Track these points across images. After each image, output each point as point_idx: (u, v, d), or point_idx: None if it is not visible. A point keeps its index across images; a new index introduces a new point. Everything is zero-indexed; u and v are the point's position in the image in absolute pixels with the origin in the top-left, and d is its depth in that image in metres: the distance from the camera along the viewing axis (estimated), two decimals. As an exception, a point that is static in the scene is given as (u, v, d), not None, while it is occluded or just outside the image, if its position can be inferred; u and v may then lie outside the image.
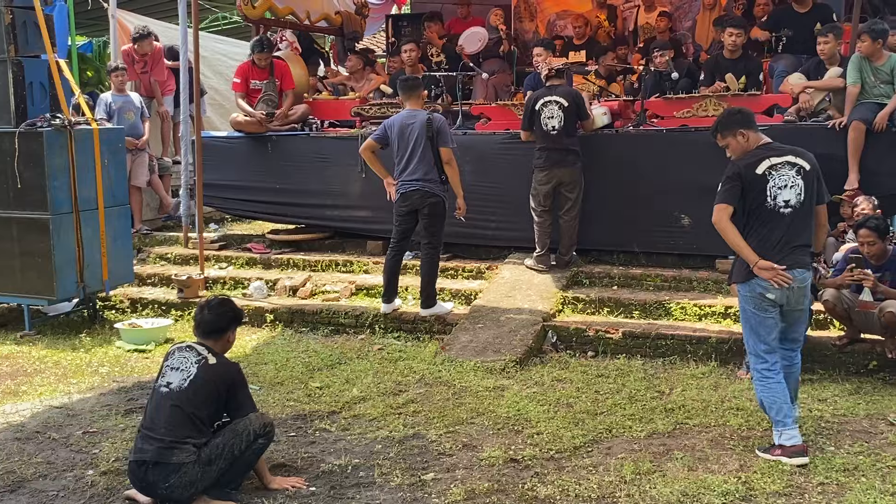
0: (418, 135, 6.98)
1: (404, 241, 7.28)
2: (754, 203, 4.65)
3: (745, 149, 4.78)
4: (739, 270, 4.74)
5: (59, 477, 4.54)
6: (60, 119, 7.18)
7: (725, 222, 4.66)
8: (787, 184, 4.63)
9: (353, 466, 4.58)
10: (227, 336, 4.47)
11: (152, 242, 9.76)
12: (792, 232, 4.64)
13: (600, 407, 5.41)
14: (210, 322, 4.41)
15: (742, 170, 4.67)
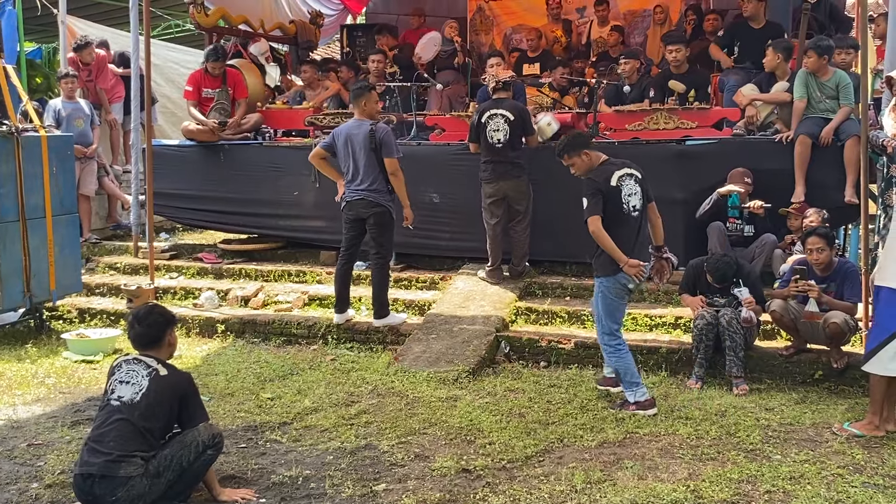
0: (363, 145, 6.94)
1: (353, 250, 7.22)
2: (612, 210, 5.47)
3: (590, 166, 5.61)
4: (605, 266, 5.54)
5: (3, 490, 4.43)
6: (7, 125, 7.05)
7: (600, 230, 5.45)
8: (633, 192, 5.54)
9: (304, 478, 4.54)
10: (165, 342, 4.39)
11: (101, 252, 9.61)
12: (639, 231, 5.60)
13: (552, 417, 5.44)
14: (144, 335, 4.34)
15: (601, 184, 5.47)
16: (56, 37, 13.92)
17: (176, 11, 15.72)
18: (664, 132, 8.04)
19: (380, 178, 6.98)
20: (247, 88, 9.54)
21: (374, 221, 7.01)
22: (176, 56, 13.76)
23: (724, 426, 5.25)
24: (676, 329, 6.88)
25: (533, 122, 7.82)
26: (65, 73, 9.72)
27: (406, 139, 8.72)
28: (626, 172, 5.54)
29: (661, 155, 7.76)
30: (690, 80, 8.40)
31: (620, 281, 5.53)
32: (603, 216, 5.43)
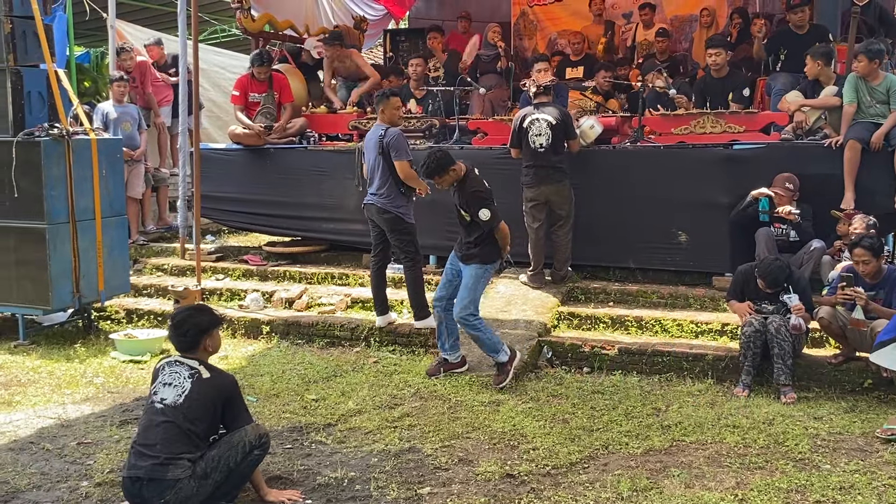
0: (374, 149, 6.97)
1: (380, 252, 7.23)
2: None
3: (457, 177, 6.12)
4: (491, 255, 6.23)
5: (54, 488, 4.51)
6: (58, 129, 7.17)
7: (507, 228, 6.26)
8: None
9: (350, 479, 4.56)
10: (202, 346, 4.37)
11: (149, 253, 9.75)
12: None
13: (596, 423, 5.40)
14: (177, 340, 4.36)
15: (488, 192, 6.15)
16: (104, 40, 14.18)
17: (222, 16, 15.92)
18: (711, 136, 7.97)
19: (390, 183, 6.92)
20: (292, 93, 9.63)
21: (388, 228, 7.03)
22: (222, 60, 13.93)
23: (771, 435, 5.18)
24: (723, 336, 6.81)
25: (575, 126, 7.79)
26: (118, 76, 9.86)
27: (448, 143, 8.74)
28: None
29: (707, 159, 7.70)
30: (730, 84, 8.34)
31: (495, 267, 6.41)
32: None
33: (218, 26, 16.65)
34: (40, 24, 7.23)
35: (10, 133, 7.13)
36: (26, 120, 7.19)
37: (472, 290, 6.20)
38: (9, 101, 7.15)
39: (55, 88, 7.33)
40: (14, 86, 7.15)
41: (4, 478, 4.62)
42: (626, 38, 11.39)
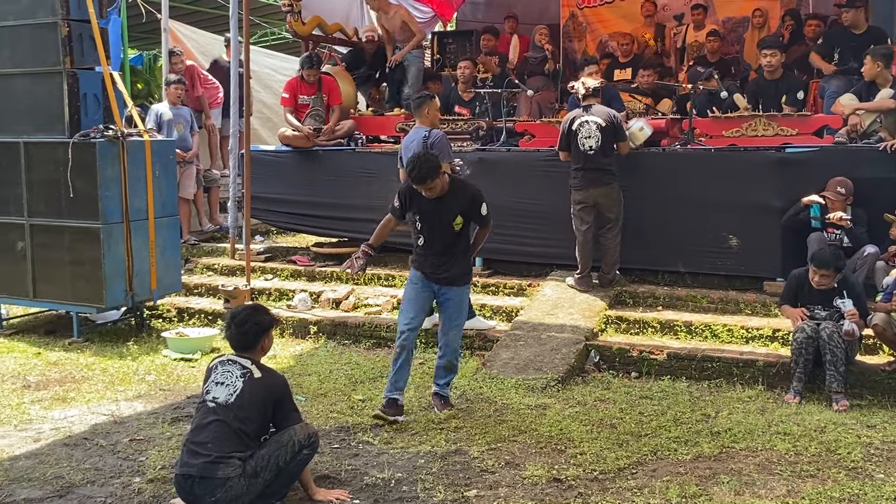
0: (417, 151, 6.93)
1: None
2: None
3: (444, 184, 5.53)
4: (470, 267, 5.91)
5: (107, 483, 4.60)
6: (113, 130, 7.31)
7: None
8: None
9: (396, 480, 4.58)
10: (259, 346, 4.45)
11: (200, 253, 9.90)
12: None
13: (644, 429, 5.36)
14: (238, 338, 4.41)
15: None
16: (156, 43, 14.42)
17: (273, 19, 16.09)
18: (763, 139, 7.85)
19: None
20: (341, 95, 9.70)
21: None
22: (272, 62, 14.07)
23: (823, 443, 5.09)
24: (774, 342, 6.71)
25: (624, 128, 7.74)
26: (175, 79, 10.01)
27: (495, 145, 8.74)
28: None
29: (759, 162, 7.59)
30: (784, 87, 8.21)
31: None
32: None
33: (268, 29, 16.83)
34: (96, 27, 7.39)
35: (66, 134, 7.29)
36: (82, 121, 7.36)
37: (462, 309, 5.84)
38: (65, 103, 7.31)
39: (110, 91, 7.48)
40: (70, 88, 7.31)
41: (59, 472, 4.72)
42: (677, 40, 11.28)
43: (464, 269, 5.76)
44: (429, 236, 5.66)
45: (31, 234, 7.48)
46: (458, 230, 5.61)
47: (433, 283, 5.67)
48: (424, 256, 5.71)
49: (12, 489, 4.51)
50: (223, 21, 12.71)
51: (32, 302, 7.72)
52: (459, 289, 5.71)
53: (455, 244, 5.66)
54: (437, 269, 5.66)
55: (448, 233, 5.61)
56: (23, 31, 7.43)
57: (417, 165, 5.42)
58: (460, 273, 5.71)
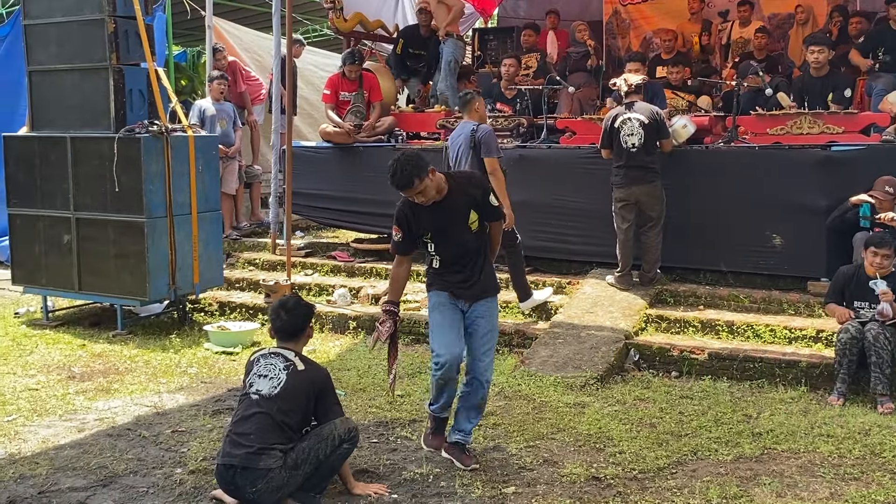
0: (464, 146, 7.12)
1: None
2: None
3: (439, 183, 4.61)
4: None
5: (149, 474, 4.67)
6: (158, 126, 7.41)
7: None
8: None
9: (434, 476, 4.59)
10: (307, 333, 4.51)
11: (241, 248, 9.99)
12: None
13: (685, 428, 5.31)
14: (289, 324, 4.44)
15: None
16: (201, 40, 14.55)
17: (315, 16, 16.18)
18: (808, 137, 7.73)
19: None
20: (381, 92, 9.73)
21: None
22: (314, 59, 14.15)
23: (868, 445, 5.01)
24: (818, 342, 6.60)
25: (667, 125, 7.67)
26: (217, 75, 10.11)
27: (536, 142, 8.71)
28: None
29: (804, 160, 7.47)
30: (830, 84, 8.08)
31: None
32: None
33: (310, 26, 16.93)
34: (142, 23, 7.48)
35: (111, 130, 7.39)
36: (127, 117, 7.46)
37: (496, 331, 4.92)
38: (111, 98, 7.41)
39: (155, 87, 7.58)
40: (116, 84, 7.41)
41: (103, 462, 4.80)
42: (722, 37, 11.14)
43: (493, 277, 4.96)
44: (445, 253, 4.78)
45: (77, 227, 7.60)
46: (476, 230, 4.75)
47: (459, 302, 4.79)
48: (444, 276, 4.81)
49: (57, 478, 4.60)
50: (266, 18, 12.84)
51: (78, 294, 7.84)
52: (492, 300, 4.89)
53: (478, 248, 4.80)
54: (465, 284, 4.77)
55: (466, 237, 4.73)
56: (70, 28, 7.54)
57: (399, 168, 4.52)
58: (492, 282, 4.92)
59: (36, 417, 5.57)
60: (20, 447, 5.05)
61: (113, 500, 4.34)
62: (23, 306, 8.48)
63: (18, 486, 4.51)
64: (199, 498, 4.36)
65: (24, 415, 5.61)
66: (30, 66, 7.80)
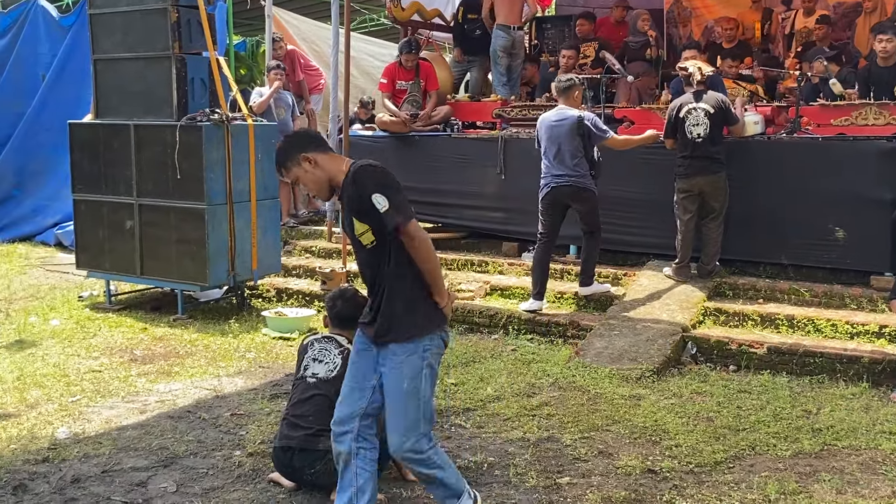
0: (568, 133, 7.16)
1: (553, 236, 7.43)
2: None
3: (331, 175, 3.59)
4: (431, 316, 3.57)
5: (209, 455, 4.76)
6: (218, 114, 7.51)
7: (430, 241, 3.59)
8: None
9: (489, 464, 4.60)
10: None
11: (298, 236, 10.11)
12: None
13: (742, 423, 5.24)
14: (345, 312, 4.48)
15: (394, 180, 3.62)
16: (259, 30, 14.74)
17: (372, 6, 16.26)
18: (873, 128, 7.55)
19: (584, 164, 7.22)
20: (438, 81, 9.74)
21: (584, 206, 7.31)
22: (370, 48, 14.24)
23: (932, 444, 4.90)
24: (880, 338, 6.46)
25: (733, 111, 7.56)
26: (275, 65, 10.22)
27: (594, 132, 8.65)
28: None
29: (869, 152, 7.30)
30: (896, 75, 7.88)
31: (444, 339, 3.65)
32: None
33: (368, 15, 17.01)
34: (203, 13, 7.59)
35: (174, 118, 7.51)
36: (189, 105, 7.57)
37: (412, 396, 3.54)
38: (173, 87, 7.53)
39: (216, 75, 7.68)
40: (178, 73, 7.52)
41: (164, 444, 4.91)
42: (785, 26, 10.92)
43: (410, 314, 3.55)
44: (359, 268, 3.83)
45: (140, 213, 7.75)
46: (371, 247, 3.58)
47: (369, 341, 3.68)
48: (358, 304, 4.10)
49: (119, 458, 4.71)
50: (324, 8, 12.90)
51: (140, 279, 8.01)
52: (399, 349, 3.54)
53: (377, 272, 3.60)
54: (366, 316, 3.71)
55: (360, 252, 3.68)
56: (134, 17, 7.68)
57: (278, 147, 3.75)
58: (405, 322, 3.55)
59: (99, 398, 5.72)
60: (84, 427, 5.19)
61: (173, 480, 4.43)
62: (86, 290, 8.68)
63: (83, 464, 4.63)
64: (257, 480, 4.44)
65: (88, 396, 5.76)
66: (94, 54, 7.96)
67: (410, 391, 3.52)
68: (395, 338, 3.54)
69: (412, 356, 3.52)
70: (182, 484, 4.39)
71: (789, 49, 10.60)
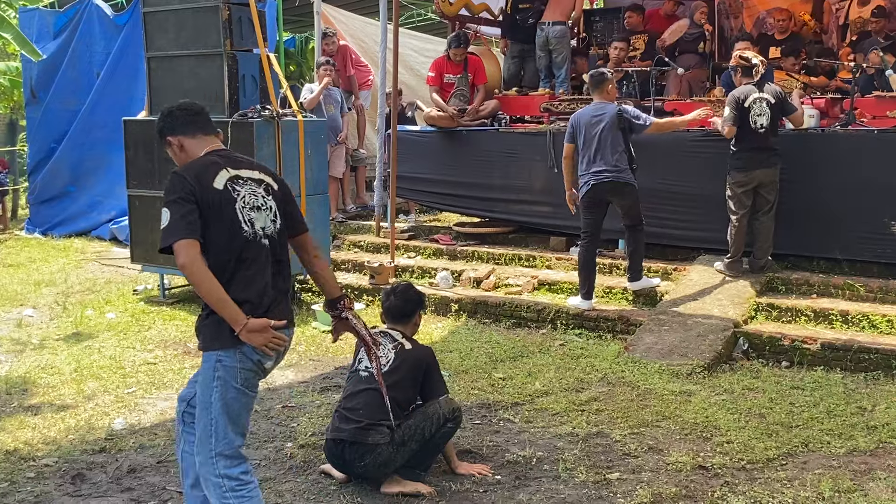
0: (609, 127, 7.11)
1: (598, 233, 7.36)
2: (229, 230, 3.34)
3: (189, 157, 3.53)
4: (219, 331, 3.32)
5: (261, 447, 4.83)
6: (269, 110, 7.60)
7: (199, 265, 3.22)
8: (259, 204, 3.45)
9: (538, 459, 4.61)
10: (414, 320, 4.63)
11: (346, 230, 10.18)
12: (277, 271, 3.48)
13: (795, 419, 5.17)
14: (398, 307, 4.57)
15: (196, 187, 3.31)
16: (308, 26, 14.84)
17: (420, 1, 16.27)
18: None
19: (624, 158, 7.17)
20: (486, 75, 9.73)
21: (626, 200, 7.26)
22: (415, 44, 14.23)
23: None
24: (939, 335, 6.32)
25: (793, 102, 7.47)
26: (324, 61, 10.29)
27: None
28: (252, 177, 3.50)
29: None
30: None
31: (251, 357, 3.36)
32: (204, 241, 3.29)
33: (415, 10, 17.04)
34: (254, 10, 7.68)
35: (225, 114, 7.60)
36: (240, 102, 7.67)
37: (202, 408, 3.39)
38: (225, 84, 7.63)
39: (267, 72, 7.77)
40: (230, 70, 7.62)
41: (218, 434, 4.98)
42: (839, 16, 10.69)
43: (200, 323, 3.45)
44: None
45: (192, 208, 7.85)
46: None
47: None
48: None
49: (174, 449, 4.78)
50: (372, 4, 12.96)
51: (192, 273, 8.12)
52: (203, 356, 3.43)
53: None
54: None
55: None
56: (186, 15, 7.79)
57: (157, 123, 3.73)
58: (198, 327, 3.47)
59: (154, 390, 5.83)
60: (140, 418, 5.30)
61: (227, 470, 4.50)
62: (141, 284, 8.86)
63: (138, 455, 4.74)
64: (308, 471, 4.50)
65: (143, 387, 5.88)
66: (148, 52, 8.09)
67: (201, 402, 3.38)
68: (200, 344, 3.46)
69: (206, 365, 3.39)
70: (235, 474, 4.46)
71: (843, 40, 10.38)
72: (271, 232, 3.45)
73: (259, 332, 3.28)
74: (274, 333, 3.33)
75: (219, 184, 3.36)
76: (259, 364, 3.39)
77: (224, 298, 3.24)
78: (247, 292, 3.32)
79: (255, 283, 3.36)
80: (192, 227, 3.26)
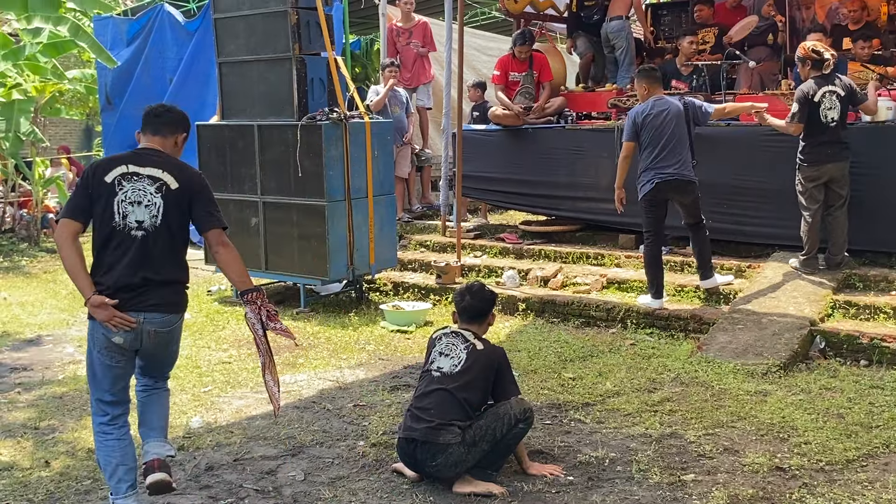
0: (675, 122, 7.02)
1: (661, 231, 7.31)
2: (102, 220, 3.87)
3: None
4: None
5: (334, 445, 4.89)
6: (337, 113, 7.68)
7: (63, 239, 3.82)
8: (139, 199, 3.88)
9: (610, 460, 4.57)
10: (487, 319, 4.65)
11: (413, 230, 10.24)
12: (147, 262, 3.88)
13: (875, 420, 5.03)
14: (474, 307, 4.58)
15: (91, 175, 3.90)
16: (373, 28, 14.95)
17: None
18: None
19: (689, 153, 7.11)
20: (551, 72, 9.68)
21: (689, 197, 7.17)
22: (478, 42, 14.21)
23: None
24: None
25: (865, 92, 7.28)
26: (389, 62, 10.36)
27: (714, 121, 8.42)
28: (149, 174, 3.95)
29: None
30: None
31: (100, 329, 3.85)
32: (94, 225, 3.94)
33: (479, 9, 17.03)
34: (322, 14, 7.77)
35: (294, 117, 7.72)
36: (309, 105, 7.77)
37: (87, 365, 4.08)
38: (294, 87, 7.75)
39: (334, 75, 7.87)
40: (299, 73, 7.74)
41: (291, 433, 5.07)
42: (917, 3, 10.36)
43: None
44: None
45: (264, 210, 8.01)
46: None
47: None
48: None
49: (250, 446, 4.90)
50: (436, 4, 13.01)
51: (264, 273, 8.27)
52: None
53: None
54: None
55: None
56: (256, 20, 7.93)
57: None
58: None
59: (229, 389, 5.95)
60: (216, 417, 5.41)
61: (301, 469, 4.57)
62: (214, 285, 9.04)
63: (215, 453, 4.84)
64: (380, 470, 4.53)
65: (219, 386, 6.00)
66: (219, 57, 8.26)
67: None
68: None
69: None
70: (309, 473, 4.53)
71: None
72: (148, 226, 3.90)
73: (99, 308, 3.78)
74: (115, 312, 3.78)
75: (109, 178, 3.88)
76: (106, 337, 3.85)
77: (77, 273, 3.79)
78: (104, 276, 3.84)
79: (114, 270, 3.84)
80: (75, 210, 3.87)
